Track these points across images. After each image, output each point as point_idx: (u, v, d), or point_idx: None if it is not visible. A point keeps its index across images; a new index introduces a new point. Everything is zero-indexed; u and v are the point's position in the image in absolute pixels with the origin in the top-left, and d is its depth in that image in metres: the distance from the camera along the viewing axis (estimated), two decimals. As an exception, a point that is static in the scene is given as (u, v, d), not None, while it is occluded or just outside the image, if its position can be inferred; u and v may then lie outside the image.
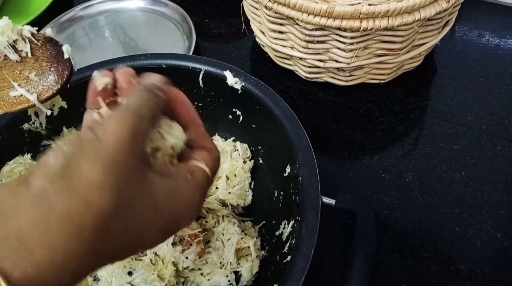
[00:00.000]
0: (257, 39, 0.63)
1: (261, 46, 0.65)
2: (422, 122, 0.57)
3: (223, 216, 0.46)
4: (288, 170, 0.42)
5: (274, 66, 0.64)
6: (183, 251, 0.42)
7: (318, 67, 0.57)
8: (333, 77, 0.59)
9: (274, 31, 0.56)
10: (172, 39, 0.70)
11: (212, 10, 0.76)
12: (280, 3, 0.50)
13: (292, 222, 0.40)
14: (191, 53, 0.64)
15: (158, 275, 0.41)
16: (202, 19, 0.74)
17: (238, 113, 0.49)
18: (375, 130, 0.57)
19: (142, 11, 0.76)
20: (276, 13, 0.52)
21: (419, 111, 0.58)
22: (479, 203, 0.49)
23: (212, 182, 0.27)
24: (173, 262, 0.41)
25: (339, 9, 0.47)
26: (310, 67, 0.58)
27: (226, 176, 0.48)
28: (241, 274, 0.43)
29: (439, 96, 0.60)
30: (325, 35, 0.52)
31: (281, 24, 0.55)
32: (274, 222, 0.44)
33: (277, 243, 0.42)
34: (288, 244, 0.39)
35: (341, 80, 0.59)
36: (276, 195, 0.45)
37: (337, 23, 0.48)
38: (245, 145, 0.50)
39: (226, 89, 0.47)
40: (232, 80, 0.46)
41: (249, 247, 0.43)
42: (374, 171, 0.53)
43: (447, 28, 0.57)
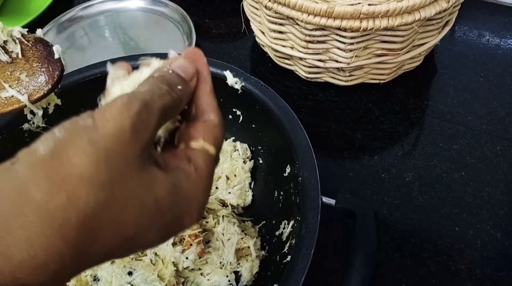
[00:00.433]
0: (257, 39, 0.63)
1: (261, 46, 0.65)
2: (422, 122, 0.57)
3: (223, 216, 0.46)
4: (288, 170, 0.42)
5: (274, 66, 0.64)
6: (183, 251, 0.42)
7: (318, 67, 0.57)
8: (333, 77, 0.59)
9: (274, 31, 0.56)
10: (172, 39, 0.70)
11: (212, 10, 0.76)
12: (280, 3, 0.50)
13: (292, 222, 0.40)
14: (191, 53, 0.64)
15: (158, 275, 0.41)
16: (202, 19, 0.74)
17: (238, 113, 0.49)
18: (375, 130, 0.57)
19: (142, 11, 0.76)
20: (276, 13, 0.52)
21: (419, 111, 0.58)
22: (479, 203, 0.49)
23: (217, 161, 0.24)
24: (173, 262, 0.41)
25: (339, 9, 0.47)
26: (310, 67, 0.58)
27: (226, 176, 0.48)
28: (241, 274, 0.43)
29: (439, 96, 0.60)
30: (325, 35, 0.52)
31: (281, 24, 0.55)
32: (274, 222, 0.44)
33: (277, 243, 0.42)
34: (288, 244, 0.39)
35: (341, 80, 0.59)
36: (276, 195, 0.45)
37: (337, 23, 0.48)
38: (245, 145, 0.50)
39: (226, 89, 0.47)
40: (232, 80, 0.46)
41: (249, 247, 0.43)
42: (374, 171, 0.53)
43: (447, 28, 0.57)
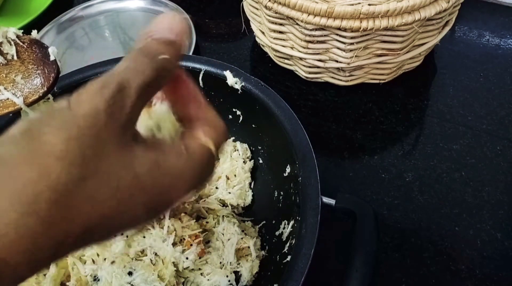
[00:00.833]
0: (257, 39, 0.63)
1: (261, 46, 0.65)
2: (422, 122, 0.57)
3: (223, 216, 0.46)
4: (288, 170, 0.42)
5: (274, 66, 0.64)
6: (183, 251, 0.42)
7: (318, 67, 0.57)
8: (333, 77, 0.59)
9: (274, 31, 0.56)
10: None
11: (212, 10, 0.76)
12: (280, 3, 0.50)
13: (292, 222, 0.40)
14: (191, 53, 0.64)
15: (158, 275, 0.41)
16: (202, 19, 0.74)
17: (238, 113, 0.49)
18: (375, 130, 0.57)
19: (142, 11, 0.76)
20: (276, 13, 0.52)
21: (419, 111, 0.58)
22: (479, 203, 0.49)
23: (216, 157, 0.24)
24: (173, 263, 0.41)
25: (339, 9, 0.47)
26: (310, 67, 0.58)
27: (226, 176, 0.48)
28: (241, 274, 0.43)
29: (439, 96, 0.60)
30: (325, 35, 0.52)
31: (281, 24, 0.55)
32: (274, 222, 0.44)
33: (277, 243, 0.42)
34: (288, 244, 0.39)
35: (341, 80, 0.59)
36: (276, 195, 0.45)
37: (337, 23, 0.48)
38: (245, 145, 0.50)
39: (226, 89, 0.47)
40: (232, 80, 0.46)
41: (249, 247, 0.43)
42: (374, 171, 0.53)
43: (447, 28, 0.57)
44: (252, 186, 0.49)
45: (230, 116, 0.50)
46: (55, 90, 0.48)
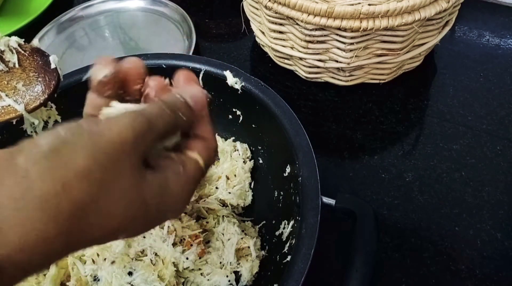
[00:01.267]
0: (257, 39, 0.63)
1: (261, 46, 0.65)
2: (422, 122, 0.57)
3: (223, 216, 0.46)
4: (288, 170, 0.42)
5: (274, 66, 0.64)
6: (184, 251, 0.42)
7: (318, 67, 0.57)
8: (333, 77, 0.59)
9: (274, 31, 0.56)
10: (172, 39, 0.70)
11: (212, 10, 0.76)
12: (280, 3, 0.50)
13: (292, 222, 0.40)
14: (191, 53, 0.64)
15: (158, 275, 0.41)
16: (202, 19, 0.74)
17: (238, 113, 0.49)
18: (375, 130, 0.57)
19: (142, 11, 0.76)
20: (276, 13, 0.52)
21: (419, 111, 0.58)
22: (479, 203, 0.49)
23: (205, 174, 0.26)
24: (173, 263, 0.41)
25: (339, 9, 0.47)
26: (310, 67, 0.58)
27: (226, 176, 0.48)
28: (241, 274, 0.43)
29: (439, 96, 0.60)
30: (325, 35, 0.52)
31: (281, 24, 0.55)
32: (274, 222, 0.44)
33: (277, 243, 0.42)
34: (288, 244, 0.39)
35: (341, 80, 0.59)
36: (276, 195, 0.45)
37: (337, 23, 0.48)
38: (245, 145, 0.50)
39: (226, 89, 0.47)
40: (232, 80, 0.46)
41: (249, 247, 0.43)
42: (374, 171, 0.53)
43: (447, 28, 0.57)
44: (252, 186, 0.49)
45: (230, 116, 0.50)
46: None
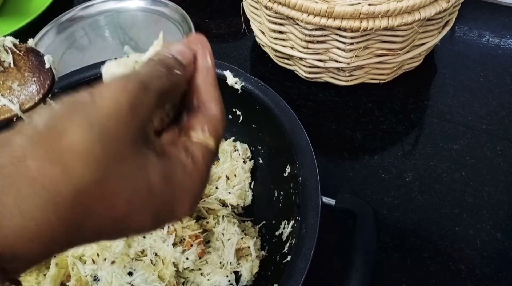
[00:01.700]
0: (257, 39, 0.63)
1: (261, 46, 0.65)
2: (422, 122, 0.57)
3: (223, 216, 0.46)
4: (288, 170, 0.42)
5: (274, 66, 0.64)
6: (184, 251, 0.42)
7: (318, 67, 0.57)
8: (333, 77, 0.59)
9: (274, 31, 0.56)
10: (172, 39, 0.70)
11: (212, 10, 0.76)
12: (280, 3, 0.50)
13: (292, 222, 0.40)
14: (191, 53, 0.64)
15: (158, 275, 0.41)
16: (202, 19, 0.74)
17: (238, 113, 0.49)
18: (375, 130, 0.57)
19: (142, 11, 0.76)
20: (276, 13, 0.52)
21: (419, 111, 0.58)
22: (479, 203, 0.49)
23: (216, 153, 0.24)
24: (174, 263, 0.41)
25: (339, 9, 0.47)
26: (310, 67, 0.58)
27: (226, 176, 0.48)
28: (241, 274, 0.43)
29: (439, 96, 0.60)
30: (325, 35, 0.52)
31: (281, 24, 0.55)
32: (274, 222, 0.44)
33: (277, 243, 0.42)
34: (288, 244, 0.39)
35: (341, 80, 0.59)
36: (276, 195, 0.45)
37: (337, 23, 0.48)
38: (245, 145, 0.50)
39: (226, 89, 0.46)
40: (232, 80, 0.46)
41: (249, 247, 0.43)
42: (374, 171, 0.53)
43: (447, 28, 0.57)
44: (252, 186, 0.49)
45: (230, 116, 0.50)
46: (55, 90, 0.48)
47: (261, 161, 0.49)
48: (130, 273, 0.41)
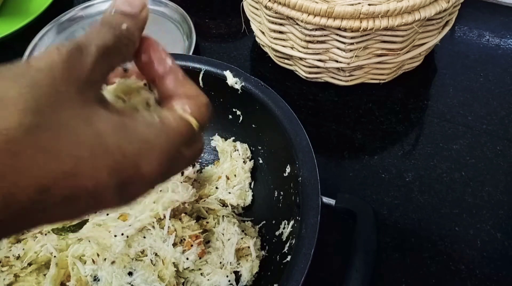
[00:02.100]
0: (257, 39, 0.63)
1: (261, 46, 0.65)
2: (422, 122, 0.57)
3: (223, 216, 0.46)
4: (288, 170, 0.42)
5: (274, 66, 0.64)
6: (184, 252, 0.42)
7: (318, 67, 0.57)
8: (333, 77, 0.59)
9: (274, 31, 0.56)
10: (172, 39, 0.70)
11: (212, 10, 0.76)
12: (280, 3, 0.50)
13: (292, 222, 0.40)
14: (191, 53, 0.64)
15: (158, 275, 0.41)
16: (202, 19, 0.74)
17: (238, 113, 0.49)
18: (375, 130, 0.57)
19: (142, 11, 0.76)
20: (276, 13, 0.52)
21: (419, 111, 0.58)
22: (479, 203, 0.49)
23: (196, 133, 0.22)
24: (174, 263, 0.41)
25: (339, 9, 0.47)
26: (310, 67, 0.58)
27: (226, 176, 0.48)
28: (241, 274, 0.43)
29: (439, 96, 0.60)
30: (325, 35, 0.52)
31: (281, 24, 0.55)
32: (274, 222, 0.44)
33: (277, 243, 0.42)
34: (288, 244, 0.39)
35: (341, 80, 0.59)
36: (276, 195, 0.45)
37: (337, 23, 0.48)
38: (245, 145, 0.50)
39: (226, 89, 0.47)
40: (232, 80, 0.46)
41: (249, 247, 0.43)
42: (374, 171, 0.53)
43: (447, 28, 0.57)
44: (252, 186, 0.49)
45: (230, 116, 0.50)
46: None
47: (261, 161, 0.49)
48: (130, 273, 0.41)
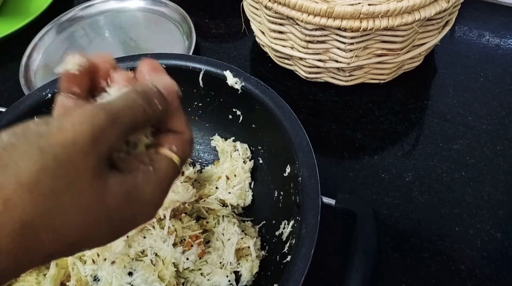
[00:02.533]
0: (257, 39, 0.63)
1: (261, 46, 0.65)
2: (422, 122, 0.57)
3: (223, 216, 0.46)
4: (288, 170, 0.42)
5: (274, 66, 0.64)
6: (184, 252, 0.42)
7: (318, 67, 0.57)
8: (333, 77, 0.59)
9: (274, 31, 0.56)
10: (172, 39, 0.70)
11: (212, 10, 0.76)
12: (280, 3, 0.50)
13: (292, 222, 0.40)
14: (191, 53, 0.64)
15: (158, 275, 0.41)
16: (202, 19, 0.74)
17: (238, 113, 0.49)
18: (375, 130, 0.57)
19: (142, 11, 0.76)
20: (276, 13, 0.52)
21: (419, 111, 0.58)
22: (479, 203, 0.49)
23: (180, 170, 0.24)
24: (174, 263, 0.41)
25: (339, 9, 0.47)
26: (310, 67, 0.58)
27: (226, 176, 0.48)
28: (241, 274, 0.43)
29: (439, 96, 0.60)
30: (325, 35, 0.52)
31: (281, 24, 0.55)
32: (274, 222, 0.44)
33: (277, 243, 0.42)
34: (288, 244, 0.39)
35: (341, 80, 0.59)
36: (276, 195, 0.45)
37: (337, 23, 0.48)
38: (245, 145, 0.50)
39: (226, 89, 0.47)
40: (232, 80, 0.46)
41: (249, 247, 0.43)
42: (374, 171, 0.53)
43: (447, 28, 0.57)
44: (252, 186, 0.49)
45: (230, 116, 0.50)
46: (54, 90, 0.48)
47: (261, 161, 0.49)
48: (130, 273, 0.41)
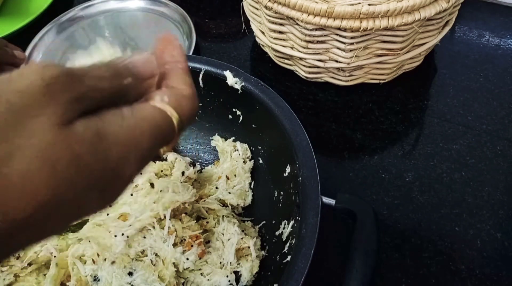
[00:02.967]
0: (257, 39, 0.63)
1: (261, 46, 0.65)
2: (422, 122, 0.57)
3: (223, 216, 0.46)
4: (288, 170, 0.42)
5: (274, 66, 0.64)
6: (184, 252, 0.42)
7: (318, 67, 0.57)
8: (333, 77, 0.59)
9: (274, 31, 0.56)
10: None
11: (212, 10, 0.76)
12: (280, 3, 0.50)
13: (292, 222, 0.40)
14: (191, 53, 0.64)
15: (158, 276, 0.41)
16: (202, 19, 0.74)
17: (238, 113, 0.49)
18: (375, 130, 0.57)
19: (142, 11, 0.76)
20: (276, 13, 0.52)
21: (419, 111, 0.58)
22: (479, 203, 0.49)
23: (179, 123, 0.22)
24: (174, 263, 0.41)
25: (339, 9, 0.47)
26: (310, 67, 0.58)
27: (226, 176, 0.48)
28: (241, 274, 0.43)
29: (439, 96, 0.60)
30: (325, 35, 0.52)
31: (281, 24, 0.55)
32: (274, 222, 0.44)
33: (277, 243, 0.42)
34: (288, 244, 0.39)
35: (341, 80, 0.59)
36: (276, 195, 0.45)
37: (337, 23, 0.48)
38: (245, 145, 0.50)
39: (226, 89, 0.47)
40: (232, 80, 0.46)
41: (249, 247, 0.43)
42: (374, 171, 0.53)
43: (447, 28, 0.57)
44: (252, 186, 0.49)
45: (230, 116, 0.50)
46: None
47: (261, 161, 0.49)
48: (130, 273, 0.41)
